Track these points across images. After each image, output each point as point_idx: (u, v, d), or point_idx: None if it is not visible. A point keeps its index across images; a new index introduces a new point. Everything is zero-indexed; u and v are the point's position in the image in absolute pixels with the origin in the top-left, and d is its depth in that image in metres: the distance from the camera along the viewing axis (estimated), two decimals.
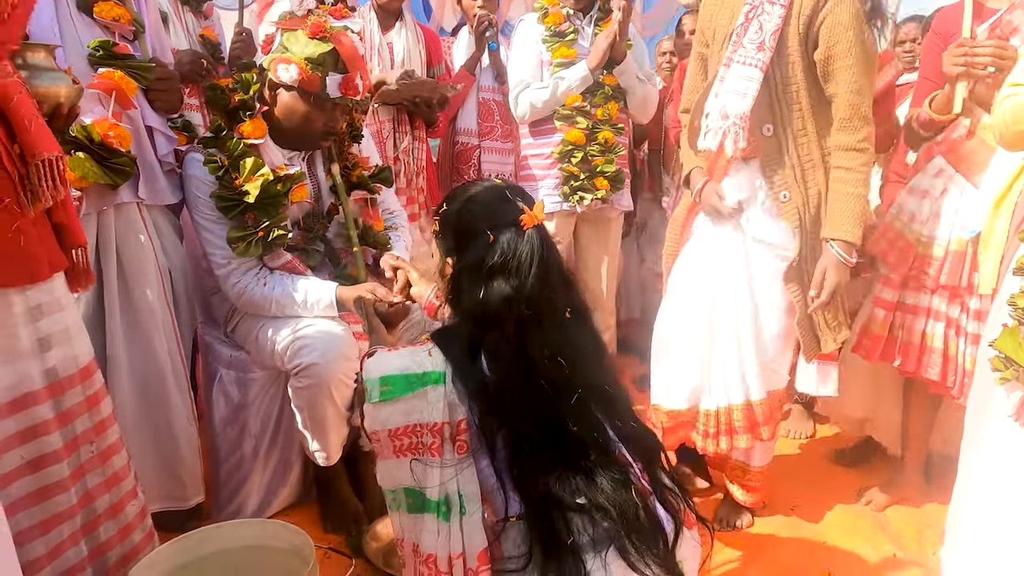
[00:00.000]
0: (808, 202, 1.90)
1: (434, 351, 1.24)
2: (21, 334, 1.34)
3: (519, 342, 1.21)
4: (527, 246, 1.23)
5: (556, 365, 1.21)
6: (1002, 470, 1.40)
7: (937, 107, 2.00)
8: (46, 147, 1.30)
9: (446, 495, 1.20)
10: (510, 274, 1.21)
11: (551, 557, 1.15)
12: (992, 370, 1.36)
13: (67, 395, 1.42)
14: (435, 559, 1.20)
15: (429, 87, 2.68)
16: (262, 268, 2.00)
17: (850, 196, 1.82)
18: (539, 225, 1.26)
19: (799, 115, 1.87)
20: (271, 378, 2.08)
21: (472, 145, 3.08)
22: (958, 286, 1.97)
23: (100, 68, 1.80)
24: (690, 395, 1.96)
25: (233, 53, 2.46)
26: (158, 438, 1.97)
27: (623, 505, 1.17)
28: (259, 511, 2.12)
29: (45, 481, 1.38)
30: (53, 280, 1.40)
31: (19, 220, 1.29)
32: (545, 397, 1.19)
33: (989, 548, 1.47)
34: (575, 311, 1.28)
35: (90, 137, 1.74)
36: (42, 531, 1.38)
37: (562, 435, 1.20)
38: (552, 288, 1.24)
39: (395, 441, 1.23)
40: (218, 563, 1.63)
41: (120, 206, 1.89)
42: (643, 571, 1.16)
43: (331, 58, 1.90)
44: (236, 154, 1.92)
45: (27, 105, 1.28)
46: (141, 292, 1.93)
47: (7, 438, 1.33)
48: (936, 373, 2.03)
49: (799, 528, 2.12)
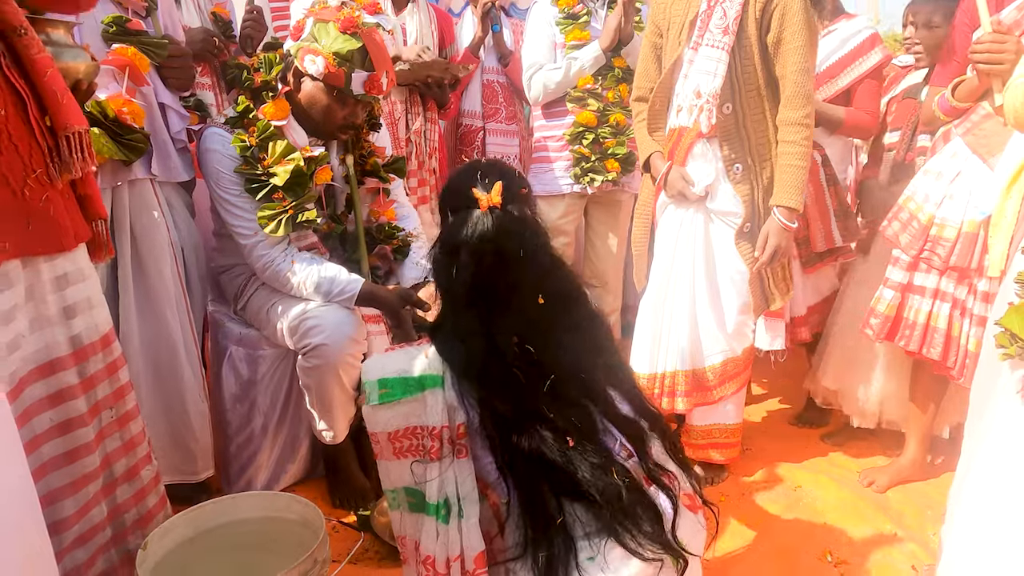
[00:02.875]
0: (760, 175, 2.05)
1: (430, 351, 1.24)
2: (49, 301, 1.38)
3: (485, 325, 1.20)
4: (481, 228, 1.21)
5: (524, 352, 1.20)
6: (1005, 448, 1.41)
7: (961, 96, 1.99)
8: (75, 120, 1.34)
9: (445, 498, 1.20)
10: (469, 256, 1.21)
11: (540, 539, 1.16)
12: (997, 346, 1.37)
13: (90, 361, 1.47)
14: (433, 561, 1.20)
15: (441, 67, 2.68)
16: (290, 244, 2.00)
17: (793, 168, 1.99)
18: (502, 208, 1.23)
19: (755, 94, 2.04)
20: (280, 355, 2.11)
21: (476, 127, 3.08)
22: (967, 268, 1.97)
23: (113, 44, 1.81)
24: (649, 362, 2.19)
25: (244, 32, 2.45)
26: (170, 412, 2.00)
27: (604, 488, 1.17)
28: (268, 486, 2.15)
29: (73, 444, 1.43)
30: (77, 250, 1.44)
31: (48, 191, 1.33)
32: (517, 383, 1.19)
33: (990, 526, 1.48)
34: (553, 296, 1.25)
35: (104, 113, 1.75)
36: (72, 491, 1.43)
37: (542, 421, 1.19)
38: (516, 272, 1.22)
39: (395, 443, 1.23)
40: (230, 533, 1.67)
41: (134, 182, 1.91)
42: (640, 553, 1.16)
43: (359, 55, 1.88)
44: (265, 136, 1.92)
45: (59, 80, 1.31)
46: (154, 268, 1.95)
47: (38, 402, 1.38)
48: (937, 353, 2.04)
49: (800, 508, 2.14)
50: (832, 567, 1.89)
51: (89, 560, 1.49)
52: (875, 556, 1.93)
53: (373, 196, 2.21)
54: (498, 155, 3.06)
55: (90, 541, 1.49)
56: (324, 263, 1.98)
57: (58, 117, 1.31)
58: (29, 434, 1.36)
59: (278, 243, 1.98)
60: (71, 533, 1.44)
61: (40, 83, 1.28)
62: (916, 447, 2.26)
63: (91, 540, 1.50)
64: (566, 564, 1.15)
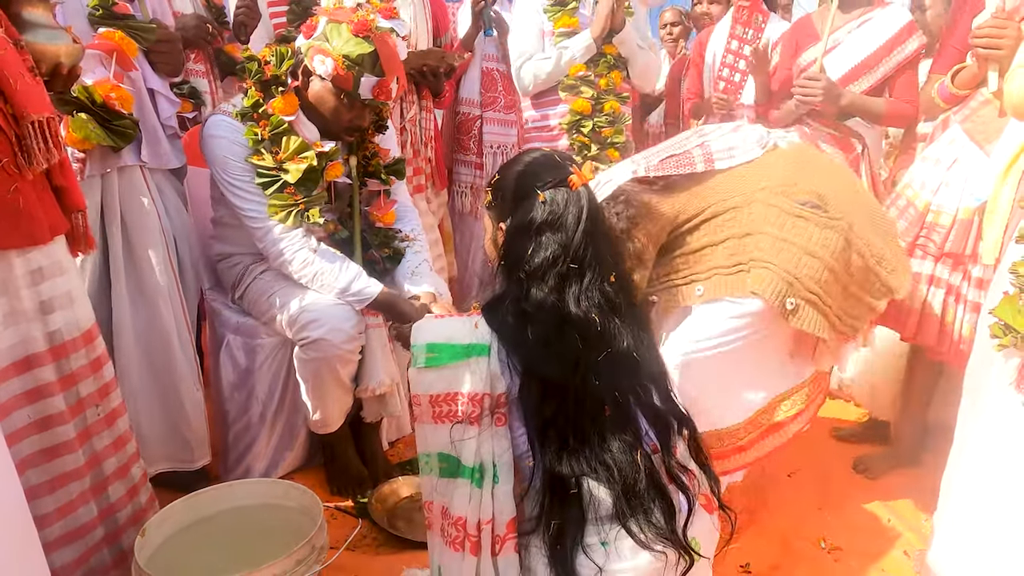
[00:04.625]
0: None
1: (480, 322, 1.28)
2: (23, 296, 1.34)
3: (559, 294, 1.26)
4: (575, 203, 1.28)
5: (589, 320, 1.25)
6: (997, 436, 1.43)
7: (961, 83, 1.99)
8: (34, 108, 1.26)
9: (481, 463, 1.23)
10: (557, 229, 1.27)
11: (555, 512, 1.19)
12: (991, 337, 1.38)
13: (71, 358, 1.43)
14: (464, 522, 1.23)
15: (436, 56, 2.65)
16: (307, 233, 1.97)
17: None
18: (587, 186, 1.31)
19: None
20: (278, 344, 2.11)
21: (474, 115, 3.05)
22: (962, 254, 1.98)
23: (100, 28, 1.77)
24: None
25: (237, 19, 2.43)
26: (165, 402, 2.00)
27: (625, 468, 1.20)
28: (266, 474, 2.15)
29: (52, 441, 1.40)
30: (54, 244, 1.39)
31: (17, 181, 1.27)
32: (574, 348, 1.23)
33: (981, 514, 1.49)
34: (619, 278, 1.32)
35: (92, 98, 1.72)
36: (50, 489, 1.40)
37: (584, 389, 1.23)
38: (597, 246, 1.29)
39: (435, 407, 1.26)
40: (229, 520, 1.68)
41: (123, 169, 1.88)
42: (650, 546, 1.17)
43: (370, 60, 1.84)
44: (278, 132, 1.90)
45: (12, 63, 1.23)
46: (146, 256, 1.93)
47: (14, 398, 1.35)
48: (931, 339, 2.04)
49: (795, 495, 2.15)
50: (826, 553, 1.90)
51: (79, 559, 1.47)
52: (868, 542, 1.94)
53: (374, 198, 2.19)
54: (495, 144, 3.04)
55: (79, 540, 1.47)
56: (347, 260, 1.97)
57: (15, 104, 1.23)
58: (7, 429, 1.32)
59: (293, 229, 1.94)
60: (54, 530, 1.42)
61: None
62: (909, 434, 2.27)
63: (80, 539, 1.48)
64: (575, 539, 1.18)
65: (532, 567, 1.22)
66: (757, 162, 1.76)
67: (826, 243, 1.62)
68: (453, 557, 1.25)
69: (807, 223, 1.63)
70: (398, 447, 2.44)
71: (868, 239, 1.69)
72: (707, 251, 1.70)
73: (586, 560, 1.17)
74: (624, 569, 1.17)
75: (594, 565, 1.16)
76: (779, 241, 1.62)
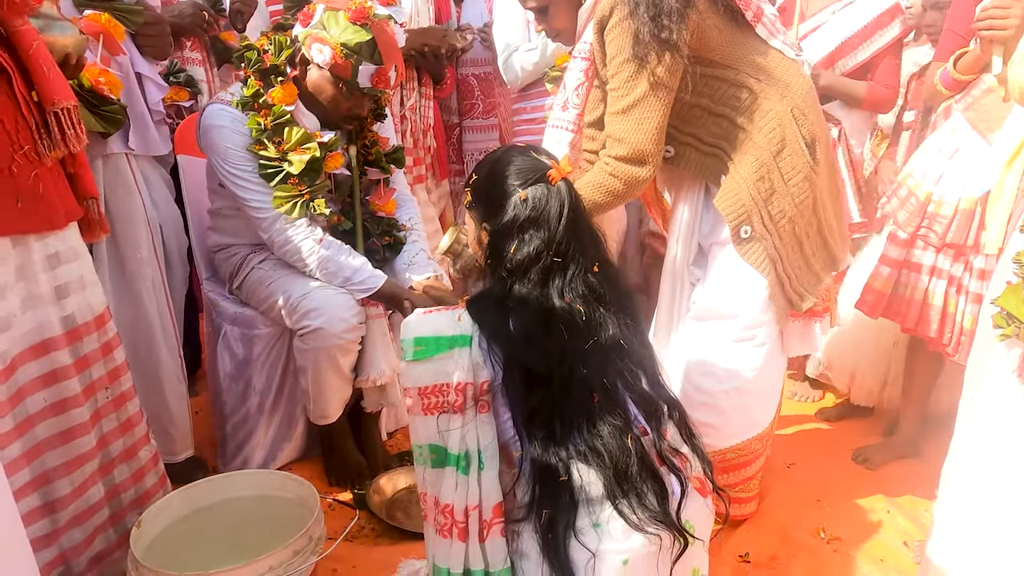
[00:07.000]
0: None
1: (463, 315, 1.30)
2: (40, 280, 1.37)
3: (542, 288, 1.27)
4: (556, 199, 1.30)
5: (574, 312, 1.26)
6: (998, 427, 1.42)
7: (963, 68, 1.97)
8: (63, 96, 1.31)
9: (466, 450, 1.25)
10: (540, 226, 1.28)
11: (546, 498, 1.20)
12: (993, 326, 1.37)
13: (84, 342, 1.46)
14: (452, 509, 1.25)
15: (438, 35, 2.60)
16: (311, 223, 1.96)
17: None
18: (566, 179, 1.33)
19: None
20: (276, 335, 2.10)
21: (452, 124, 3.01)
22: (964, 244, 1.97)
23: (85, 10, 1.74)
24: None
25: (234, 7, 2.41)
26: (147, 394, 1.97)
27: (615, 453, 1.22)
28: (264, 465, 2.15)
29: (68, 424, 1.43)
30: (68, 229, 1.43)
31: (37, 167, 1.32)
32: (560, 339, 1.25)
33: (981, 504, 1.49)
34: (603, 267, 1.34)
35: (80, 84, 1.68)
36: (67, 470, 1.44)
37: (571, 378, 1.24)
38: (580, 239, 1.31)
39: (424, 399, 1.29)
40: (226, 511, 1.68)
41: (108, 157, 1.85)
42: (642, 527, 1.18)
43: (368, 48, 1.83)
44: (280, 122, 1.89)
45: (44, 53, 1.29)
46: (130, 246, 1.91)
47: (31, 382, 1.38)
48: (933, 330, 2.04)
49: (794, 486, 2.14)
50: (825, 543, 1.90)
51: (87, 539, 1.50)
52: (868, 532, 1.94)
53: (374, 187, 2.18)
54: (477, 151, 2.99)
55: (87, 521, 1.50)
56: (352, 250, 1.97)
57: (45, 92, 1.29)
58: (23, 414, 1.37)
59: (298, 219, 1.93)
60: (67, 512, 1.45)
61: (25, 56, 1.26)
62: (910, 425, 2.27)
63: (89, 520, 1.51)
64: (566, 526, 1.19)
65: (525, 551, 1.23)
66: (791, 63, 1.69)
67: (800, 192, 1.62)
68: (441, 544, 1.27)
69: (796, 160, 1.62)
70: (396, 438, 2.44)
71: (826, 204, 1.70)
72: (696, 113, 1.65)
73: (578, 546, 1.18)
74: (617, 550, 1.18)
75: (587, 551, 1.17)
76: (763, 167, 1.61)
